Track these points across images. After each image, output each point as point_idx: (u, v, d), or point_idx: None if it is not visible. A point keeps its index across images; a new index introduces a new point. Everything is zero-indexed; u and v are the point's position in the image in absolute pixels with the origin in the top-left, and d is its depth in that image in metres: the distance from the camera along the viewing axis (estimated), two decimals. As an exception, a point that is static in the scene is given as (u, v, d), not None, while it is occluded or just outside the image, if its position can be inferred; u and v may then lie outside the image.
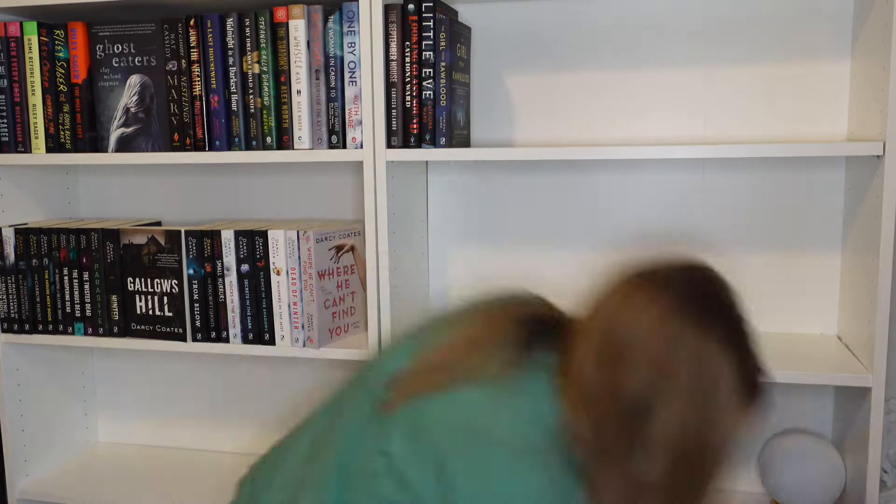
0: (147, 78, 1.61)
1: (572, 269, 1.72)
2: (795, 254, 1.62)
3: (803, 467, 1.48)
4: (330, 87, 1.53)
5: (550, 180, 1.71)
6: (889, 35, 1.29)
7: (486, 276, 1.77)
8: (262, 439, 1.96)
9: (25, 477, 1.83)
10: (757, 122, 1.60)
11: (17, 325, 1.75)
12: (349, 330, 1.69)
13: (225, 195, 1.90)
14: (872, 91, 1.39)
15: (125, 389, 2.03)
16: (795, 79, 1.57)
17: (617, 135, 1.66)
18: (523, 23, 1.67)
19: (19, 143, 1.68)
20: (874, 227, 1.36)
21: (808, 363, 1.43)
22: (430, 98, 1.48)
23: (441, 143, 1.48)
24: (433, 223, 1.78)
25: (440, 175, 1.76)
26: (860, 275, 1.45)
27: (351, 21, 1.50)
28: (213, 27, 1.56)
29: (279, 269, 1.59)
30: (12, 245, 1.72)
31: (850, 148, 1.32)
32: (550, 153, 1.43)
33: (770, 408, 1.67)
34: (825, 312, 1.62)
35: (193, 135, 1.59)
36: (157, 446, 2.03)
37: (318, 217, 1.85)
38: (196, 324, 1.65)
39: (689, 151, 1.38)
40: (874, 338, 1.35)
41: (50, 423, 1.90)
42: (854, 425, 1.46)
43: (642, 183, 1.67)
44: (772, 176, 1.61)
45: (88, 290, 1.70)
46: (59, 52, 1.65)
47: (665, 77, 1.63)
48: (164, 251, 1.65)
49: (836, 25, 1.54)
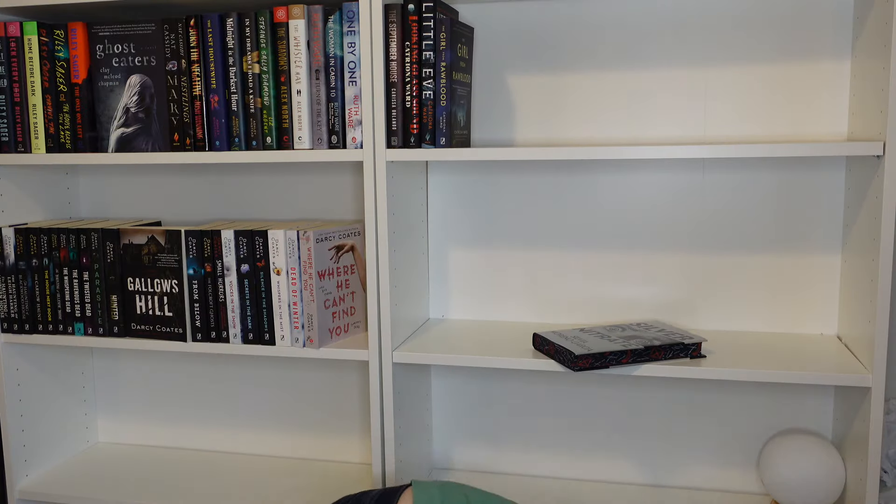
0: (147, 78, 1.61)
1: (572, 269, 1.72)
2: (795, 254, 1.62)
3: (803, 467, 1.48)
4: (330, 87, 1.53)
5: (550, 180, 1.71)
6: (889, 35, 1.29)
7: (485, 276, 1.77)
8: (262, 439, 1.96)
9: (25, 477, 1.83)
10: (757, 122, 1.60)
11: (17, 325, 1.75)
12: (349, 330, 1.69)
13: (225, 195, 1.90)
14: (872, 91, 1.39)
15: (125, 389, 2.03)
16: (795, 79, 1.57)
17: (617, 135, 1.66)
18: (524, 23, 1.67)
19: (19, 143, 1.68)
20: (874, 227, 1.36)
21: (808, 363, 1.43)
22: (430, 98, 1.48)
23: (441, 143, 1.48)
24: (433, 223, 1.79)
25: (440, 175, 1.76)
26: (860, 275, 1.45)
27: (351, 21, 1.50)
28: (213, 27, 1.56)
29: (279, 269, 1.59)
30: (12, 245, 1.72)
31: (850, 148, 1.32)
32: (550, 153, 1.43)
33: (770, 408, 1.68)
34: (825, 312, 1.62)
35: (193, 135, 1.59)
36: (156, 446, 2.03)
37: (318, 217, 1.85)
38: (196, 324, 1.65)
39: (689, 151, 1.38)
40: (874, 338, 1.35)
41: (50, 423, 1.90)
42: (854, 425, 1.47)
43: (642, 183, 1.67)
44: (772, 176, 1.61)
45: (88, 290, 1.70)
46: (59, 52, 1.65)
47: (665, 77, 1.63)
48: (164, 251, 1.65)
49: (836, 25, 1.54)
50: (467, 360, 1.52)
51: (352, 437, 1.91)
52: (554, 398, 1.78)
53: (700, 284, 1.67)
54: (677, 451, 1.73)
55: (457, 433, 1.84)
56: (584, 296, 1.73)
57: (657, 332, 1.53)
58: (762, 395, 1.67)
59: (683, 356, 1.47)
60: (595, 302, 1.73)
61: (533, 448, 1.81)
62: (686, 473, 1.73)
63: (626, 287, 1.70)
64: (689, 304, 1.68)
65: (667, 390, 1.72)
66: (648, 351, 1.45)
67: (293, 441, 1.94)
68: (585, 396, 1.76)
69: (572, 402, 1.77)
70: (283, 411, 1.94)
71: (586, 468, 1.79)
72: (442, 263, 1.79)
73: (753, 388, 1.68)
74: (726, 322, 1.67)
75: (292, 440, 1.94)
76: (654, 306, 1.70)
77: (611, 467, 1.77)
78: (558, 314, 1.75)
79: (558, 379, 1.77)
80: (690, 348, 1.47)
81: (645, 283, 1.69)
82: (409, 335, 1.66)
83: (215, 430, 1.99)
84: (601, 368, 1.43)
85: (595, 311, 1.73)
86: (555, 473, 1.81)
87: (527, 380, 1.79)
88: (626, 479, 1.77)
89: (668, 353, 1.46)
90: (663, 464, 1.74)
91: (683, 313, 1.69)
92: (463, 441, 1.84)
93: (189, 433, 2.01)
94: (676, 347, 1.46)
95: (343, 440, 1.91)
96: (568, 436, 1.79)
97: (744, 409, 1.69)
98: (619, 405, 1.75)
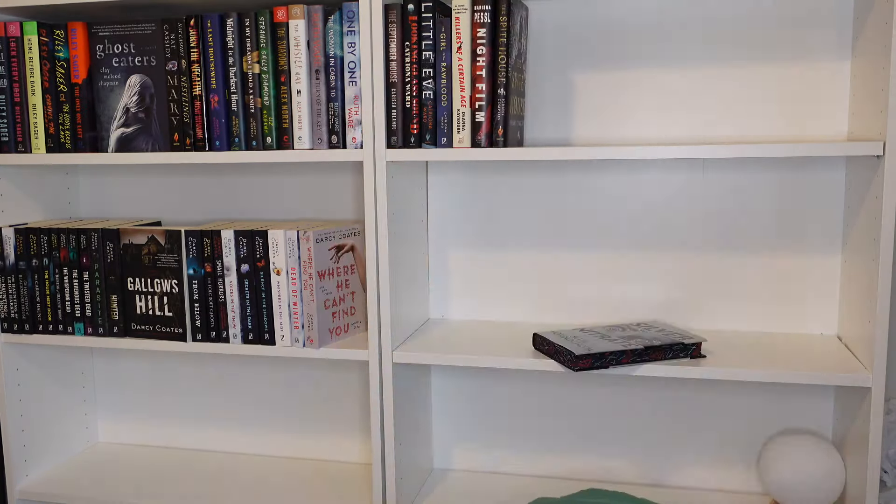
0: (147, 78, 1.61)
1: (572, 269, 1.72)
2: (795, 254, 1.62)
3: (803, 467, 1.48)
4: (330, 87, 1.53)
5: (550, 180, 1.71)
6: (889, 35, 1.29)
7: (485, 276, 1.77)
8: (262, 439, 1.96)
9: (25, 477, 1.83)
10: (757, 122, 1.60)
11: (17, 324, 1.75)
12: (349, 330, 1.69)
13: (225, 195, 1.90)
14: (872, 91, 1.39)
15: (125, 389, 2.03)
16: (795, 79, 1.57)
17: (617, 135, 1.66)
18: (523, 23, 1.67)
19: (19, 143, 1.68)
20: (874, 227, 1.36)
21: (808, 363, 1.43)
22: (430, 98, 1.48)
23: (441, 143, 1.48)
24: (433, 223, 1.79)
25: (440, 175, 1.76)
26: (860, 275, 1.45)
27: (351, 21, 1.50)
28: (213, 27, 1.56)
29: (279, 269, 1.59)
30: (12, 245, 1.72)
31: (850, 148, 1.32)
32: (550, 153, 1.43)
33: (770, 408, 1.68)
34: (825, 312, 1.62)
35: (193, 135, 1.59)
36: (156, 446, 2.03)
37: (318, 217, 1.85)
38: (196, 324, 1.65)
39: (689, 151, 1.38)
40: (874, 338, 1.35)
41: (50, 423, 1.90)
42: (854, 425, 1.47)
43: (642, 183, 1.67)
44: (772, 176, 1.61)
45: (88, 290, 1.70)
46: (59, 52, 1.65)
47: (665, 77, 1.63)
48: (164, 251, 1.65)
49: (836, 25, 1.54)
50: (467, 360, 1.52)
51: (352, 437, 1.91)
52: (554, 398, 1.78)
53: (700, 284, 1.67)
54: (677, 451, 1.73)
55: (457, 433, 1.84)
56: (583, 296, 1.73)
57: (657, 332, 1.53)
58: (762, 395, 1.67)
59: (683, 356, 1.47)
60: (595, 302, 1.73)
61: (533, 448, 1.81)
62: (686, 473, 1.73)
63: (626, 287, 1.70)
64: (689, 304, 1.68)
65: (667, 390, 1.72)
66: (648, 351, 1.45)
67: (293, 441, 1.94)
68: (585, 396, 1.76)
69: (572, 402, 1.77)
70: (283, 411, 1.94)
71: (586, 468, 1.79)
72: (442, 263, 1.79)
73: (753, 388, 1.68)
74: (726, 322, 1.67)
75: (292, 440, 1.94)
76: (654, 306, 1.70)
77: (611, 467, 1.77)
78: (558, 314, 1.75)
79: (558, 379, 1.77)
80: (690, 348, 1.47)
81: (645, 283, 1.69)
82: (409, 335, 1.66)
83: (215, 430, 1.99)
84: (601, 368, 1.43)
85: (595, 311, 1.73)
86: (555, 473, 1.81)
87: (527, 380, 1.79)
88: (626, 479, 1.77)
89: (668, 353, 1.46)
90: (663, 464, 1.74)
91: (683, 313, 1.69)
92: (463, 441, 1.84)
93: (189, 433, 2.01)
94: (676, 347, 1.46)
95: (343, 440, 1.91)
96: (568, 436, 1.79)
97: (744, 409, 1.69)
98: (619, 405, 1.75)
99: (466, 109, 1.46)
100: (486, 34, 1.43)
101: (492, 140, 1.46)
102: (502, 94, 1.45)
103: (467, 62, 1.44)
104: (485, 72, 1.44)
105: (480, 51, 1.43)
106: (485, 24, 1.43)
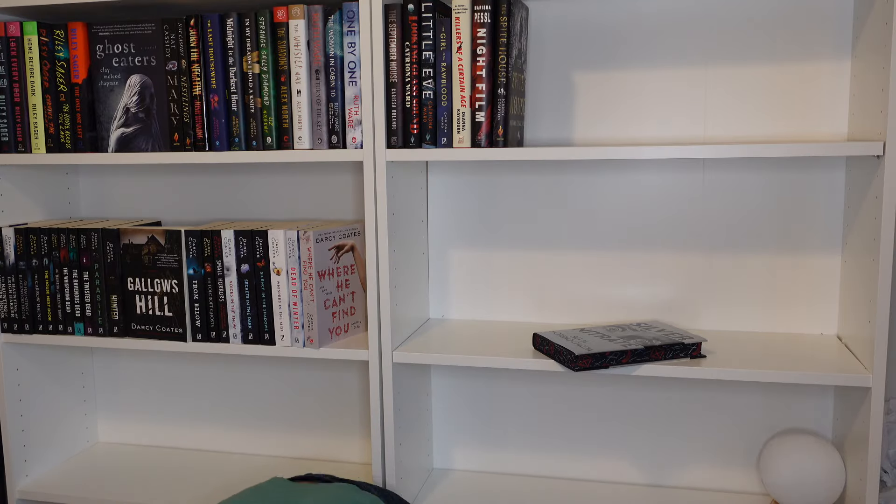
0: (147, 78, 1.61)
1: (572, 269, 1.72)
2: (795, 254, 1.62)
3: (803, 467, 1.48)
4: (330, 87, 1.53)
5: (550, 180, 1.71)
6: (889, 35, 1.29)
7: (486, 276, 1.77)
8: (262, 439, 1.96)
9: (25, 477, 1.83)
10: (757, 122, 1.60)
11: (17, 325, 1.75)
12: (349, 330, 1.69)
13: (225, 195, 1.90)
14: (872, 91, 1.39)
15: (125, 389, 2.03)
16: (795, 79, 1.57)
17: (617, 135, 1.67)
18: (523, 23, 1.67)
19: (19, 143, 1.68)
20: (874, 227, 1.36)
21: (808, 363, 1.43)
22: (430, 98, 1.48)
23: (441, 143, 1.48)
24: (433, 223, 1.79)
25: (440, 175, 1.76)
26: (860, 275, 1.45)
27: (351, 21, 1.50)
28: (213, 27, 1.56)
29: (279, 269, 1.59)
30: (12, 245, 1.72)
31: (850, 148, 1.32)
32: (550, 153, 1.43)
33: (770, 408, 1.68)
34: (825, 312, 1.62)
35: (193, 135, 1.59)
36: (156, 446, 2.03)
37: (318, 217, 1.85)
38: (196, 324, 1.65)
39: (689, 151, 1.38)
40: (874, 338, 1.35)
41: (50, 423, 1.90)
42: (854, 425, 1.47)
43: (642, 183, 1.67)
44: (772, 176, 1.61)
45: (88, 290, 1.70)
46: (59, 52, 1.65)
47: (665, 77, 1.63)
48: (164, 251, 1.65)
49: (836, 25, 1.54)
50: (467, 360, 1.52)
51: (352, 437, 1.91)
52: (554, 398, 1.78)
53: (700, 284, 1.67)
54: (677, 451, 1.73)
55: (457, 433, 1.84)
56: (584, 296, 1.73)
57: (657, 332, 1.53)
58: (762, 395, 1.67)
59: (683, 356, 1.47)
60: (595, 302, 1.73)
61: (533, 448, 1.81)
62: (686, 473, 1.73)
63: (626, 287, 1.70)
64: (689, 304, 1.68)
65: (667, 390, 1.72)
66: (648, 351, 1.45)
67: (293, 441, 1.94)
68: (585, 396, 1.76)
69: (572, 402, 1.77)
70: (283, 411, 1.94)
71: (586, 468, 1.79)
72: (442, 263, 1.79)
73: (753, 388, 1.68)
74: (726, 322, 1.67)
75: (292, 440, 1.94)
76: (654, 306, 1.70)
77: (611, 467, 1.77)
78: (558, 314, 1.75)
79: (558, 379, 1.77)
80: (690, 348, 1.47)
81: (645, 283, 1.69)
82: (409, 335, 1.67)
83: (215, 430, 1.99)
84: (601, 368, 1.43)
85: (595, 311, 1.73)
86: (555, 473, 1.81)
87: (527, 380, 1.79)
88: (625, 479, 1.77)
89: (668, 353, 1.46)
90: (663, 464, 1.74)
91: (683, 313, 1.69)
92: (463, 441, 1.84)
93: (189, 433, 2.01)
94: (676, 347, 1.46)
95: (343, 440, 1.91)
96: (568, 436, 1.79)
97: (744, 409, 1.69)
98: (619, 405, 1.75)
99: (466, 109, 1.46)
100: (486, 34, 1.43)
101: (492, 140, 1.46)
102: (502, 94, 1.45)
103: (467, 62, 1.45)
104: (485, 72, 1.44)
105: (480, 51, 1.43)
106: (485, 24, 1.43)
